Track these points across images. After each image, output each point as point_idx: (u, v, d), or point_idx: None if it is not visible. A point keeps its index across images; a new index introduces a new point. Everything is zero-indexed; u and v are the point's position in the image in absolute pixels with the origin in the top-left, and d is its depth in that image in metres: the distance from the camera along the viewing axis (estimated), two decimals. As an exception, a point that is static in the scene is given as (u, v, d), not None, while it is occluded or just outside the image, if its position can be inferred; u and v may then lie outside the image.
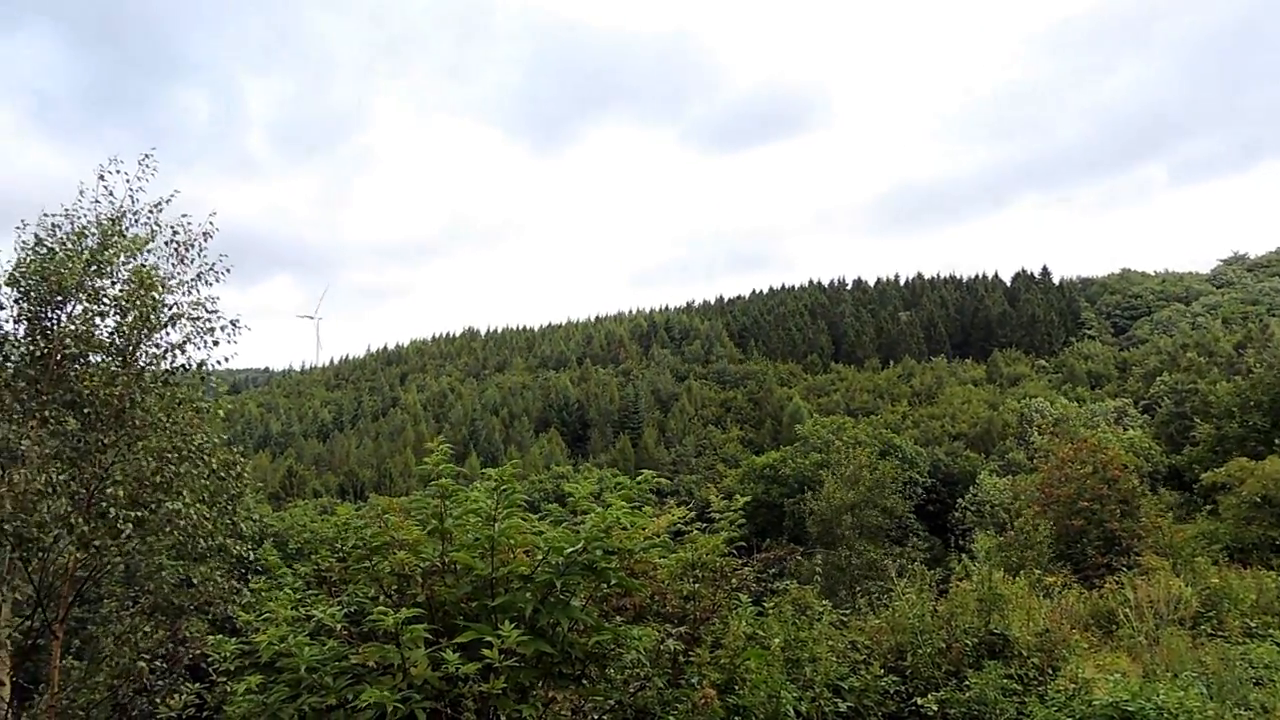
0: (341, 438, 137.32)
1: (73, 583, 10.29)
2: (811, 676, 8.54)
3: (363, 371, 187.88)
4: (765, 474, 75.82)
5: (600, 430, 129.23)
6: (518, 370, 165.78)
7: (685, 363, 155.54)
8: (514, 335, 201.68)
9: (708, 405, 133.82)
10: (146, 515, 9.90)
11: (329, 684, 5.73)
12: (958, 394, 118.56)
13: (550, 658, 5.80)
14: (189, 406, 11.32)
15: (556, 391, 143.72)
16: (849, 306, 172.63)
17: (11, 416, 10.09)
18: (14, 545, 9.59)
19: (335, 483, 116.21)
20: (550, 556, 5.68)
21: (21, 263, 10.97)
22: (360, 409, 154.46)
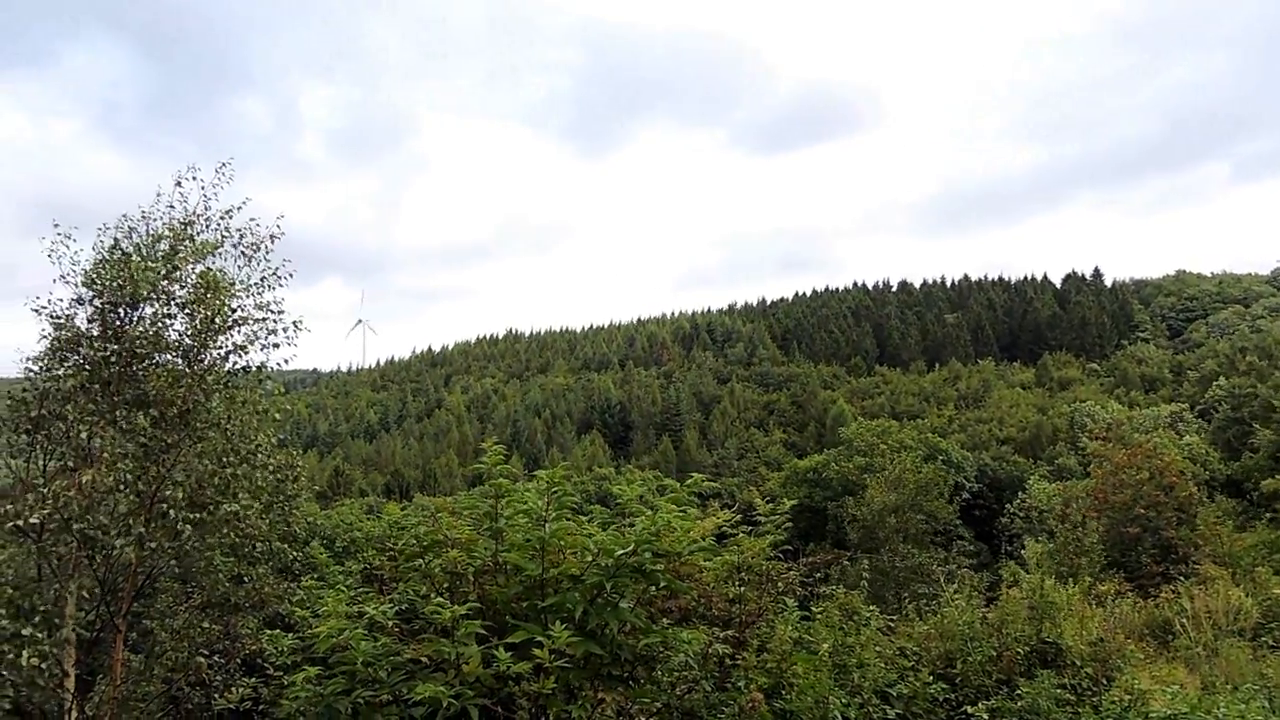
0: (387, 438, 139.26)
1: (133, 579, 10.58)
2: (859, 682, 8.46)
3: (408, 373, 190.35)
4: (808, 477, 75.15)
5: (642, 432, 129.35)
6: (560, 372, 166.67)
7: (727, 365, 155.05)
8: (556, 337, 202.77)
9: (750, 408, 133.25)
10: (205, 516, 10.13)
11: (383, 678, 5.83)
12: (1006, 397, 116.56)
13: (599, 659, 5.84)
14: (249, 408, 11.56)
15: (599, 393, 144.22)
16: (894, 308, 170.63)
17: (85, 417, 10.41)
18: (80, 544, 9.89)
19: (381, 482, 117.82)
20: (600, 558, 5.72)
21: (100, 265, 11.31)
22: (405, 410, 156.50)
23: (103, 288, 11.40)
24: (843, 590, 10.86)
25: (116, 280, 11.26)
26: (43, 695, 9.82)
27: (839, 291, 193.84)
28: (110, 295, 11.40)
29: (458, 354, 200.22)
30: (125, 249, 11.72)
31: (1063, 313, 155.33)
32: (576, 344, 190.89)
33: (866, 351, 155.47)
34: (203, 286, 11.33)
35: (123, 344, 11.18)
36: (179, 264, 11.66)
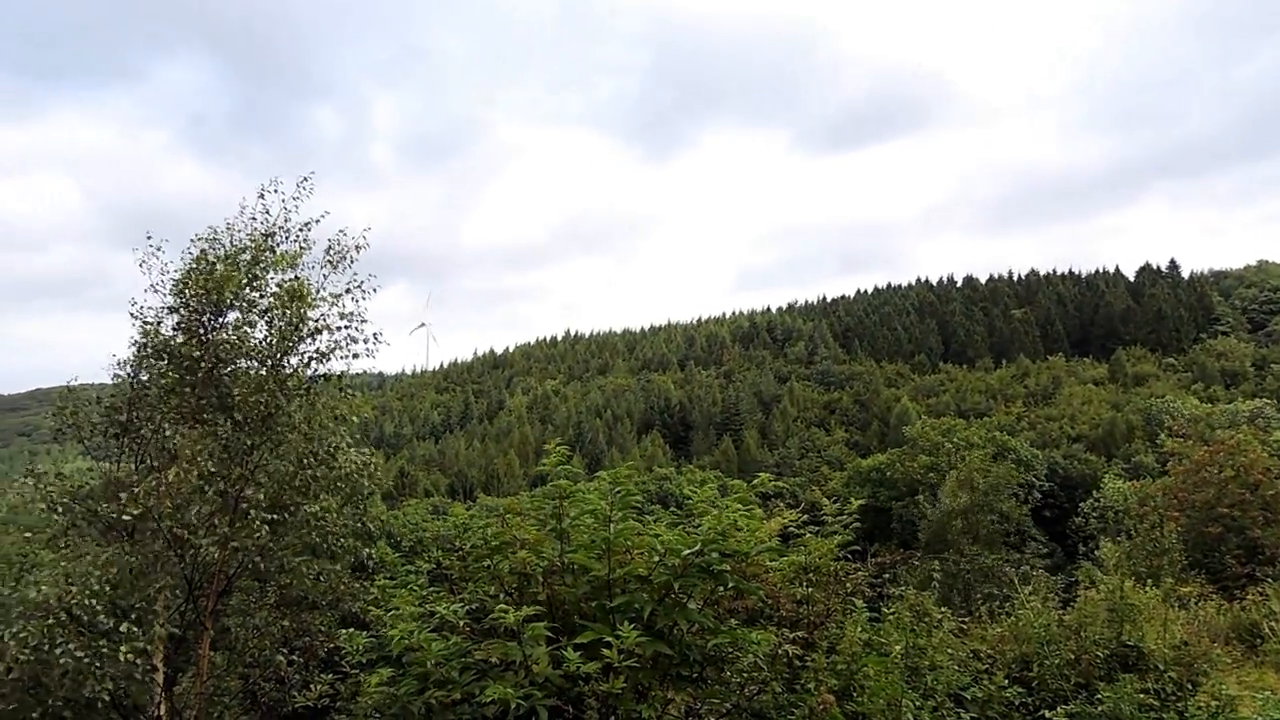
0: (451, 439, 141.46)
1: (218, 578, 10.96)
2: (932, 685, 8.30)
3: (470, 375, 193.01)
4: (872, 477, 74.20)
5: (702, 432, 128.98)
6: (619, 373, 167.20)
7: (787, 364, 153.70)
8: (615, 338, 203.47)
9: (811, 407, 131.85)
10: (285, 517, 10.46)
11: (455, 678, 5.92)
12: (1077, 394, 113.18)
13: (668, 659, 5.84)
14: (328, 413, 11.86)
15: (658, 393, 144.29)
16: (958, 305, 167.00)
17: (171, 418, 10.85)
18: (168, 543, 10.28)
19: (445, 483, 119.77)
20: (667, 558, 5.72)
21: (187, 274, 11.77)
22: (468, 411, 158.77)
23: (189, 296, 11.86)
24: (913, 591, 10.66)
25: (202, 289, 11.70)
26: (137, 689, 10.22)
27: (901, 288, 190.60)
28: (196, 303, 11.85)
29: (518, 356, 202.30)
30: (211, 259, 12.15)
31: (1137, 306, 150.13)
32: (636, 345, 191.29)
33: (931, 349, 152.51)
34: (283, 295, 11.68)
35: (207, 350, 11.60)
36: (260, 274, 12.05)
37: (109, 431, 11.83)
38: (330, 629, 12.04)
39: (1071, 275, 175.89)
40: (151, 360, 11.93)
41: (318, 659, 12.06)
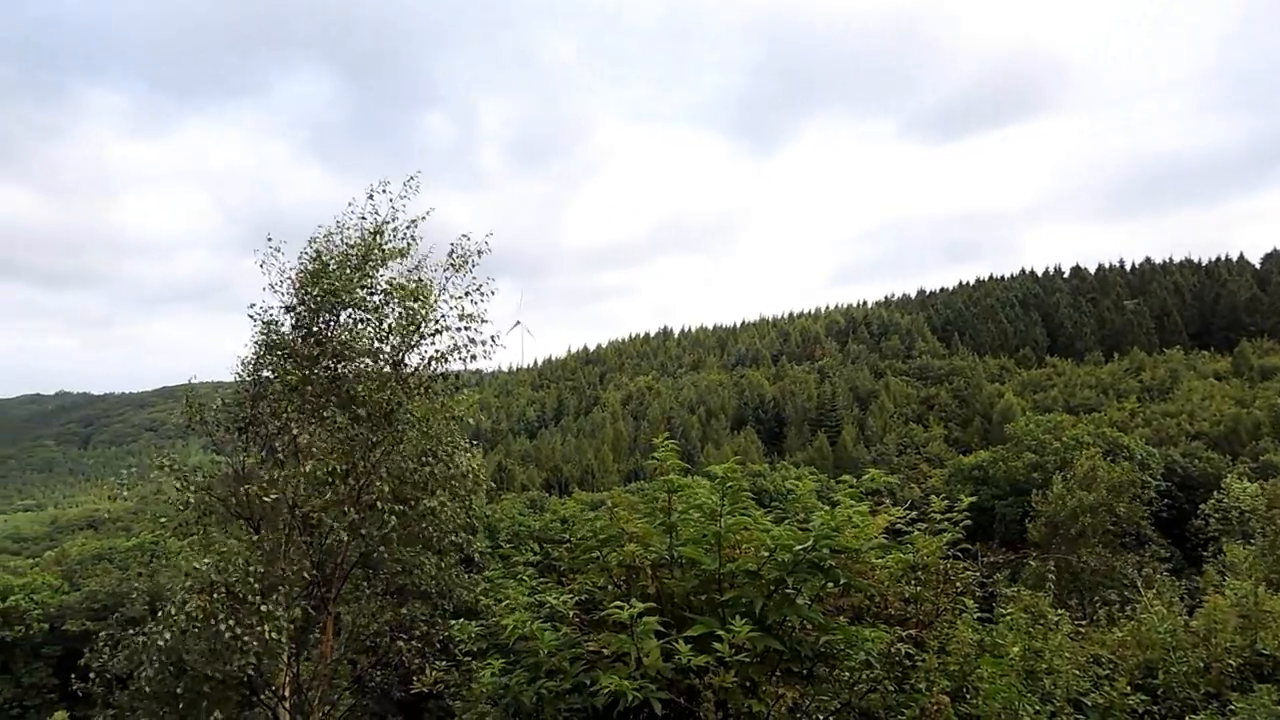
0: (546, 435, 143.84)
1: (342, 565, 11.47)
2: (1051, 689, 8.01)
3: (564, 372, 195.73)
4: (974, 475, 71.83)
5: (796, 428, 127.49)
6: (712, 369, 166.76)
7: (884, 359, 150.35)
8: (707, 334, 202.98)
9: (908, 402, 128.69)
10: (407, 510, 10.86)
11: (566, 669, 6.03)
12: (1197, 389, 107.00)
13: (778, 654, 5.80)
14: (445, 412, 12.23)
15: (752, 389, 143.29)
16: (1065, 296, 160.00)
17: (295, 414, 11.39)
18: (301, 529, 10.81)
19: (541, 477, 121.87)
20: (778, 554, 5.68)
21: (303, 274, 12.33)
22: (563, 407, 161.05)
23: (306, 295, 12.41)
24: (1028, 592, 10.30)
25: (318, 288, 12.22)
26: (271, 665, 10.81)
27: (1004, 280, 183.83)
28: (312, 301, 12.38)
29: (611, 353, 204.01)
30: (325, 259, 12.68)
31: (1263, 295, 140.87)
32: (728, 341, 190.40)
33: (1036, 342, 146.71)
34: (395, 291, 12.10)
35: (325, 347, 12.12)
36: (371, 271, 12.51)
37: (232, 426, 12.48)
38: (443, 617, 12.41)
39: (1189, 263, 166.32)
40: (272, 358, 12.51)
41: (433, 646, 12.45)
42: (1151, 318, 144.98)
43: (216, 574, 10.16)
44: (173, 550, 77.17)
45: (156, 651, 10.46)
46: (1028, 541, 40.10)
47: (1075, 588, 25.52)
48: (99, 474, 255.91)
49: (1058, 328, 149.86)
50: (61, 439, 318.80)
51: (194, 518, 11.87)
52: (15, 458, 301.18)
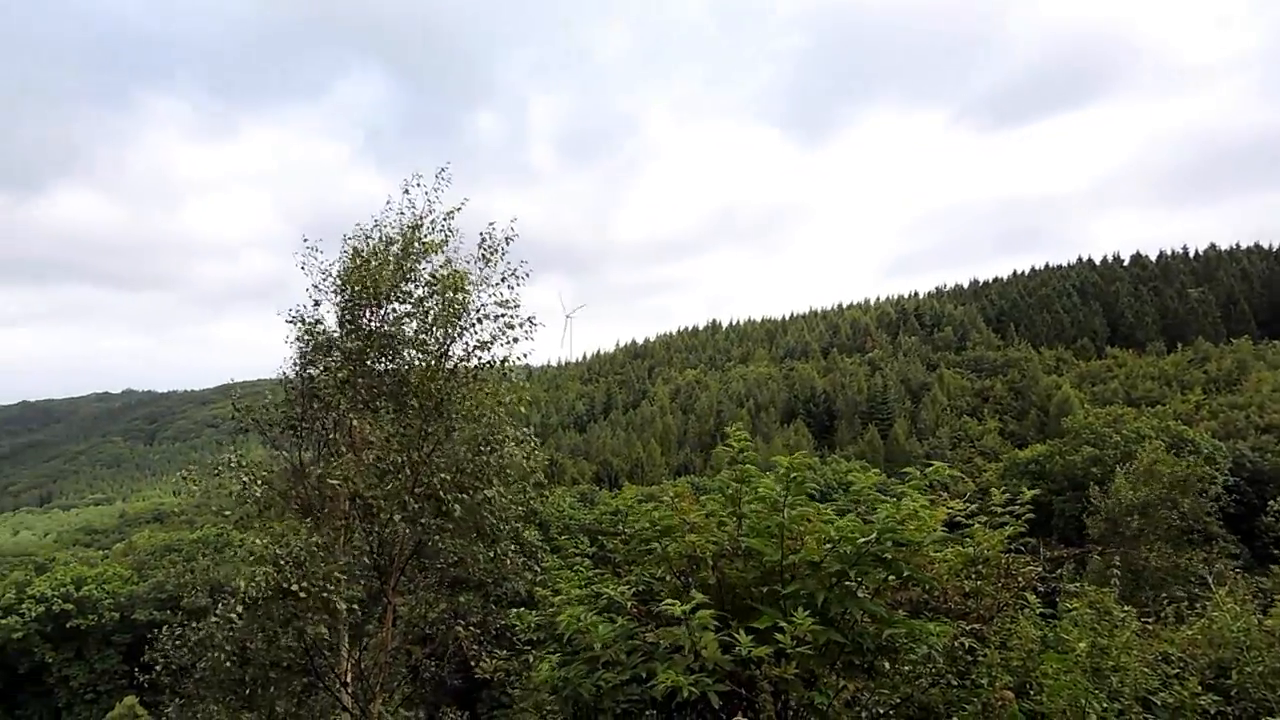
0: (595, 428, 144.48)
1: (401, 554, 11.70)
2: (1118, 687, 7.82)
3: (612, 366, 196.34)
4: (1030, 469, 70.42)
5: (847, 421, 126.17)
6: (761, 361, 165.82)
7: (936, 351, 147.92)
8: (755, 327, 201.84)
9: (962, 395, 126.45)
10: (465, 499, 11.02)
11: (623, 660, 6.07)
12: (1267, 380, 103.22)
13: (840, 647, 5.77)
14: (495, 399, 12.40)
15: (802, 382, 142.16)
16: (1125, 284, 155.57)
17: (349, 407, 11.65)
18: (361, 516, 11.06)
19: (590, 471, 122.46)
20: (840, 546, 5.65)
21: (344, 271, 12.58)
22: (611, 401, 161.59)
23: (348, 291, 12.64)
24: (1093, 588, 10.07)
25: (359, 283, 12.44)
26: (331, 649, 11.08)
27: (1062, 269, 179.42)
28: (353, 297, 12.61)
29: (660, 346, 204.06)
30: (364, 255, 12.91)
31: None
32: (777, 333, 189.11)
33: (1095, 332, 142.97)
34: (439, 285, 12.29)
35: (369, 341, 12.34)
36: (411, 265, 12.70)
37: (284, 424, 12.77)
38: (497, 605, 12.58)
39: (1259, 249, 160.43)
40: (319, 356, 12.78)
41: (489, 635, 12.62)
42: (1218, 306, 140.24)
43: (280, 548, 10.42)
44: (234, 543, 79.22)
45: (221, 640, 10.78)
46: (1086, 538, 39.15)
47: (1140, 585, 24.86)
48: (164, 469, 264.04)
49: (1118, 317, 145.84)
50: (128, 435, 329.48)
51: (255, 511, 12.19)
52: (86, 453, 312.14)
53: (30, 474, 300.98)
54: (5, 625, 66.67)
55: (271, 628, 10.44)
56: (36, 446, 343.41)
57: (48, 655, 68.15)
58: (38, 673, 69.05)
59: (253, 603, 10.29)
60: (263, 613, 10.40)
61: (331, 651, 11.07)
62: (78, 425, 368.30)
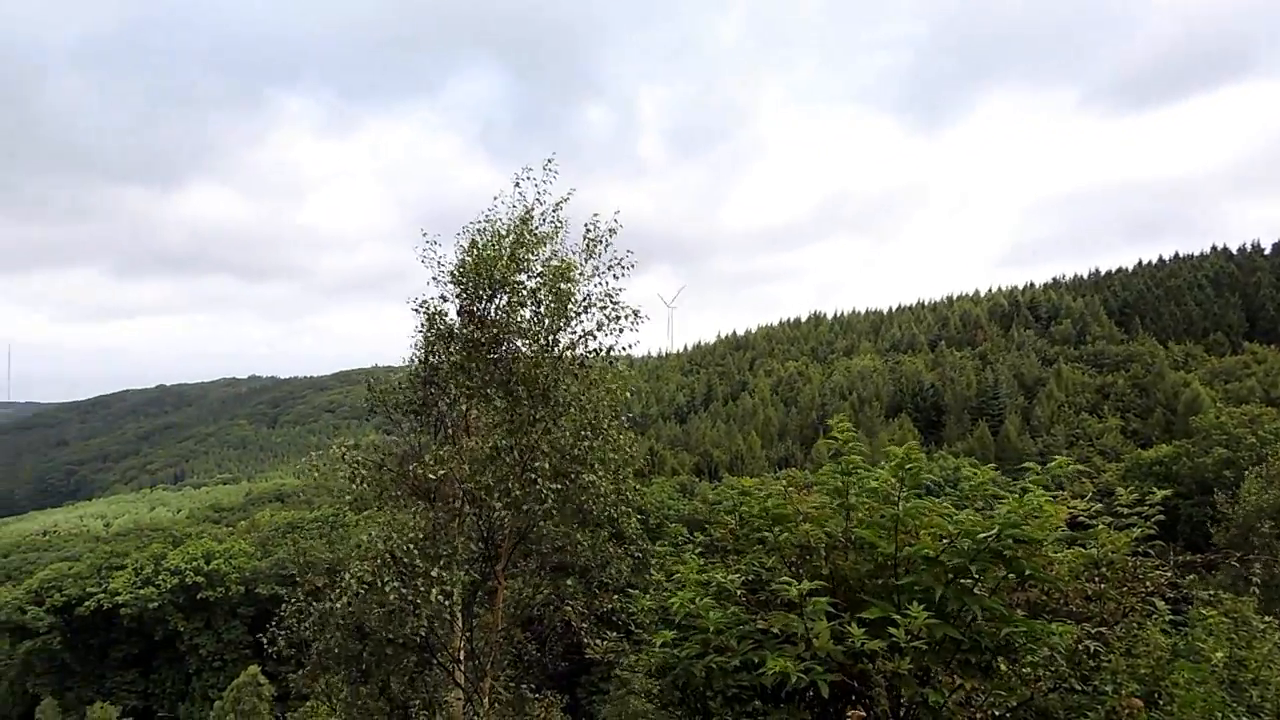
0: (695, 420, 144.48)
1: (509, 538, 12.05)
2: (1259, 701, 7.38)
3: (713, 357, 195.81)
4: (1154, 470, 66.74)
5: (955, 416, 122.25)
6: (865, 354, 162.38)
7: (1053, 344, 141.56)
8: (860, 319, 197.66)
9: (1080, 391, 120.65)
10: (566, 485, 11.28)
11: (734, 646, 6.08)
12: None
13: (956, 644, 5.63)
14: (600, 387, 12.62)
15: (908, 375, 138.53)
16: (1266, 275, 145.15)
17: (462, 394, 12.06)
18: (468, 503, 11.44)
19: (690, 462, 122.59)
20: (958, 540, 5.51)
21: (460, 263, 13.01)
22: (711, 393, 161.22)
23: (464, 283, 13.04)
24: (1229, 596, 9.51)
25: (474, 275, 12.82)
26: (443, 628, 11.50)
27: (1193, 258, 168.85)
28: (470, 288, 13.00)
29: (761, 338, 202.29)
30: (479, 247, 13.29)
31: None
32: (883, 325, 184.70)
33: (1231, 326, 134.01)
34: (549, 276, 12.56)
35: (484, 331, 12.71)
36: (523, 256, 13.00)
37: (407, 408, 13.31)
38: (601, 589, 12.77)
39: None
40: (439, 344, 13.24)
41: (596, 618, 12.84)
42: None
43: (383, 543, 10.86)
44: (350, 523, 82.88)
45: (337, 616, 11.32)
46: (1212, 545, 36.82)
47: (1275, 596, 23.27)
48: (285, 452, 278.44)
49: (1257, 310, 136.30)
50: (253, 419, 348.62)
51: (370, 494, 12.72)
52: (215, 435, 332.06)
53: (165, 453, 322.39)
54: (143, 595, 71.71)
55: (385, 610, 10.89)
56: (171, 428, 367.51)
57: (180, 624, 72.99)
58: (171, 640, 74.00)
59: (366, 589, 10.76)
60: (376, 599, 10.86)
61: (445, 630, 11.50)
62: (208, 409, 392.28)
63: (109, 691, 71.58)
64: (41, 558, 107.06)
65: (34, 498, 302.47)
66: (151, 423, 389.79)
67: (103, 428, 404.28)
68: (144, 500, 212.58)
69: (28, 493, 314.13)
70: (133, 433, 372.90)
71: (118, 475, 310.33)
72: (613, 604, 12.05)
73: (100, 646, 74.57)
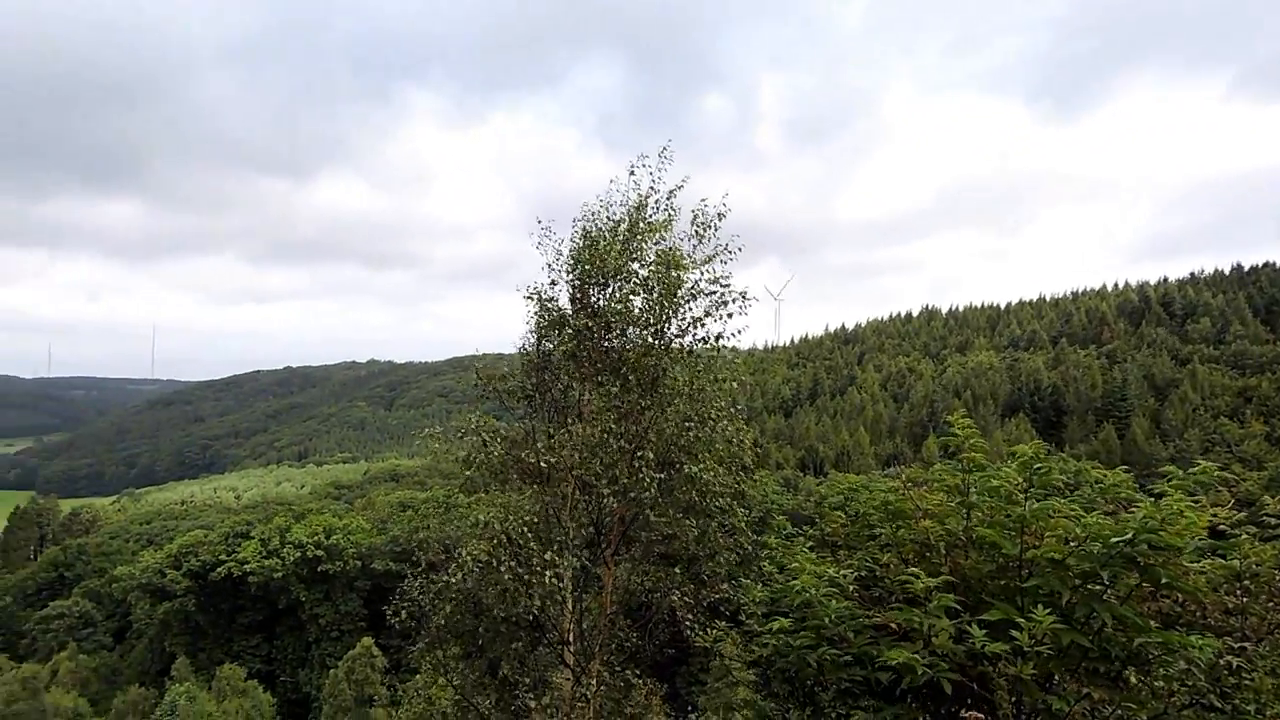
0: (801, 414, 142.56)
1: (618, 524, 12.21)
2: None
3: (820, 350, 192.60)
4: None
5: (1078, 418, 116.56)
6: (981, 350, 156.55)
7: (1187, 343, 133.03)
8: (976, 313, 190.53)
9: (1219, 394, 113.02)
10: (672, 474, 11.34)
11: (850, 638, 6.01)
12: None
13: (1084, 651, 5.40)
14: (708, 375, 12.62)
15: (1027, 374, 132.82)
16: None
17: (573, 381, 12.28)
18: (580, 489, 11.65)
19: (795, 456, 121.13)
20: (1088, 544, 5.27)
21: (574, 251, 13.20)
22: (818, 387, 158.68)
23: (578, 270, 13.21)
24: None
25: (587, 263, 12.97)
26: (555, 611, 11.77)
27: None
28: (582, 276, 13.16)
29: (870, 332, 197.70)
30: (593, 235, 13.43)
31: None
32: (1000, 321, 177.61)
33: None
34: (660, 264, 12.60)
35: (596, 318, 12.86)
36: (638, 245, 13.07)
37: (520, 394, 13.61)
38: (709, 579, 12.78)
39: None
40: (552, 331, 13.47)
41: (703, 608, 12.88)
42: None
43: (499, 524, 11.15)
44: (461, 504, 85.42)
45: (453, 593, 11.72)
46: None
47: None
48: (400, 434, 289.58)
49: None
50: (371, 401, 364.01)
51: (480, 478, 13.07)
52: (336, 416, 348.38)
53: (290, 431, 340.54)
54: (269, 565, 75.97)
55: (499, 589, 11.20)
56: (297, 408, 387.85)
57: (301, 594, 77.03)
58: (293, 609, 78.20)
59: (482, 568, 11.08)
60: (492, 578, 11.17)
61: (556, 611, 11.76)
62: (330, 390, 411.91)
63: (236, 654, 76.26)
64: (180, 525, 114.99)
65: (173, 469, 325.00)
66: (279, 402, 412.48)
67: (235, 406, 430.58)
68: (271, 475, 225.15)
69: (167, 464, 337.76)
70: (262, 411, 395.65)
71: (248, 451, 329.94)
72: (720, 593, 12.05)
73: (229, 611, 79.50)
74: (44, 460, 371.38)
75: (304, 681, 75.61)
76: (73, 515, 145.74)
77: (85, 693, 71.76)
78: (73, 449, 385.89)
